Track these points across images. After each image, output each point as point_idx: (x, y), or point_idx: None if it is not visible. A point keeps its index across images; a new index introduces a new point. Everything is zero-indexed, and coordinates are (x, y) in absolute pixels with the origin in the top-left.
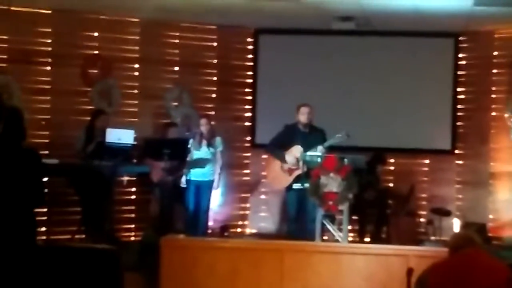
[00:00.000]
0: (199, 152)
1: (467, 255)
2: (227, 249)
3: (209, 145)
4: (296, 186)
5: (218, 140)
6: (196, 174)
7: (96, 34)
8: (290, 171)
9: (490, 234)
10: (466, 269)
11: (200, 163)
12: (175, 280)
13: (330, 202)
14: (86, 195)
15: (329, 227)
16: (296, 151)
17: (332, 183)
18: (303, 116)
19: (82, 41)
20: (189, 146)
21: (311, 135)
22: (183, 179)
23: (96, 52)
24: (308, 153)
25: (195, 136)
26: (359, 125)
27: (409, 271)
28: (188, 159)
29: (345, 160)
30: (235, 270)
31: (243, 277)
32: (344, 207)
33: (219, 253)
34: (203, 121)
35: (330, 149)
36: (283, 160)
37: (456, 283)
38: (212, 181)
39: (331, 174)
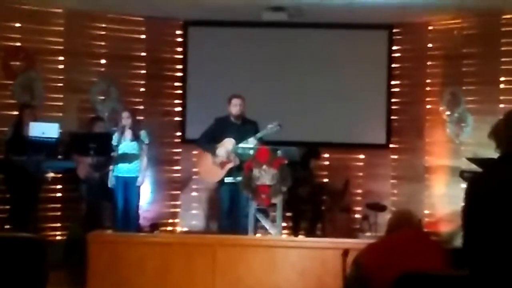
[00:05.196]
0: (123, 146)
1: (403, 235)
2: (157, 244)
3: (134, 139)
4: (228, 179)
5: (143, 133)
6: (123, 170)
7: (18, 24)
8: (222, 164)
9: (426, 229)
10: (401, 250)
11: (126, 158)
12: (102, 277)
13: (263, 195)
14: (9, 192)
15: (263, 221)
16: (228, 143)
17: (265, 176)
18: (235, 108)
19: (3, 32)
20: (112, 140)
21: (243, 127)
22: (111, 178)
23: (18, 43)
24: (240, 145)
25: (118, 130)
26: (292, 119)
27: (345, 252)
28: (113, 154)
29: (278, 152)
30: (165, 266)
31: (174, 274)
32: (277, 200)
33: (148, 248)
34: (125, 114)
35: (263, 143)
36: (214, 153)
37: (392, 264)
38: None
39: (264, 167)
